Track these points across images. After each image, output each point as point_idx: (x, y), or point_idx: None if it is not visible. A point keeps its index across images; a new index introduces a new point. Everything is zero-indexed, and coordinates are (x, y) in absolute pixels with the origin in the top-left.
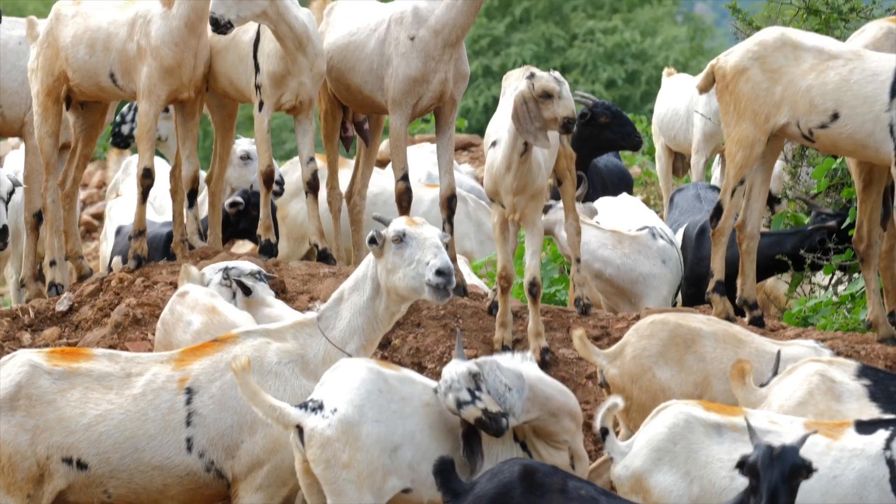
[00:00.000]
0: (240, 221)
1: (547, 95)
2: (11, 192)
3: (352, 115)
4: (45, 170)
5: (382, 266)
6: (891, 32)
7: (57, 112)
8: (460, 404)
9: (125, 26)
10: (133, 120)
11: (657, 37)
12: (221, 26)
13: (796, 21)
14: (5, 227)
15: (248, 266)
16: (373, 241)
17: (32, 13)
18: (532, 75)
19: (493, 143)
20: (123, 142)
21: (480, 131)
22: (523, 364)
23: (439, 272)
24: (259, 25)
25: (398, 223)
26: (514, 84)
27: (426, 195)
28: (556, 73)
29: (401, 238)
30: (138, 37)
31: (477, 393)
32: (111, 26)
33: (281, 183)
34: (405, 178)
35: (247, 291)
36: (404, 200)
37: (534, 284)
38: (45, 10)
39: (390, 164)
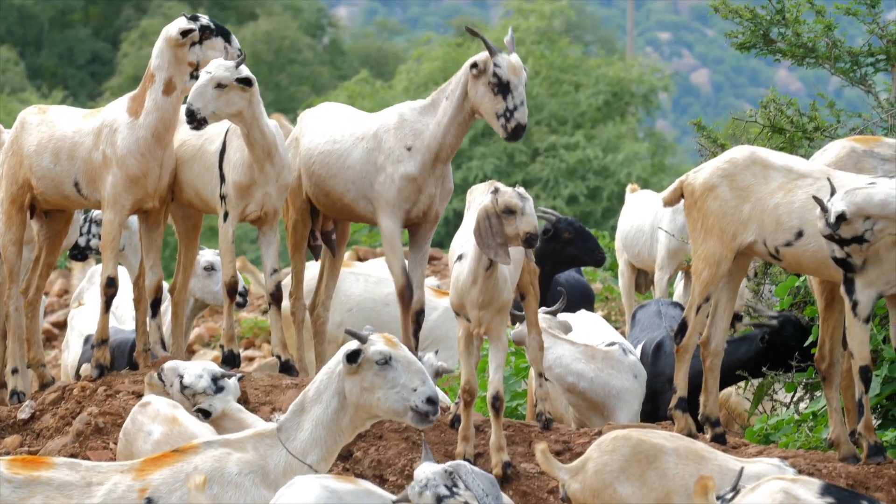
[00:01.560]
0: None
1: (510, 211)
2: None
3: (321, 224)
4: (9, 277)
5: (356, 383)
6: (853, 151)
7: (21, 220)
8: (440, 499)
9: (90, 135)
10: (89, 232)
11: (619, 153)
12: (197, 120)
13: (761, 139)
14: None
15: (201, 381)
16: (352, 358)
17: None
18: (496, 190)
19: (459, 257)
20: (81, 254)
21: (441, 244)
22: None
23: (430, 400)
24: (225, 135)
25: (380, 345)
26: (480, 198)
27: (441, 303)
28: (521, 189)
29: (386, 361)
30: (104, 146)
31: (454, 489)
32: (76, 135)
33: (244, 294)
34: (404, 272)
35: (206, 414)
36: (406, 296)
37: (497, 398)
38: (6, 118)
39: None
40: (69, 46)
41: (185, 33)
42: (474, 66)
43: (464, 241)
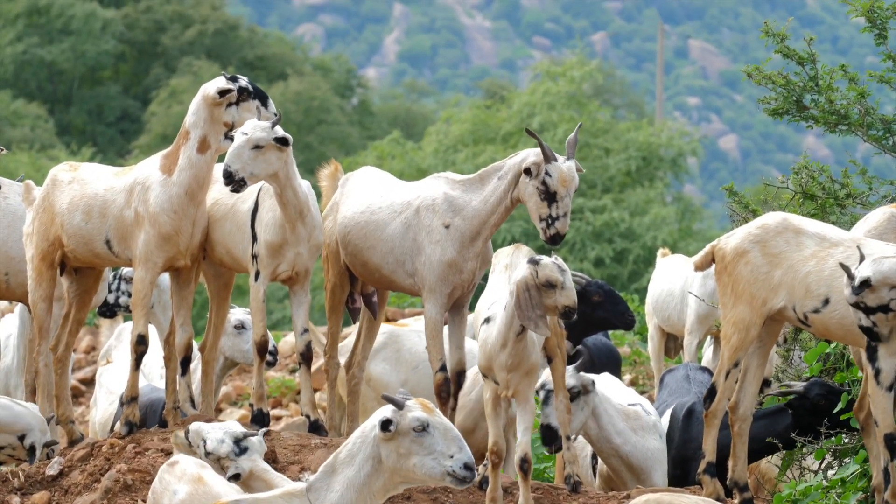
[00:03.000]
0: None
1: (550, 285)
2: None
3: (360, 286)
4: (38, 334)
5: (392, 449)
6: (893, 217)
7: (51, 277)
8: None
9: (122, 193)
10: (119, 289)
11: (646, 216)
12: (236, 181)
13: (792, 205)
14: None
15: (223, 447)
16: (388, 426)
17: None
18: (536, 262)
19: (487, 320)
20: (109, 311)
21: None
22: None
23: (467, 467)
24: (257, 195)
25: (417, 411)
26: (504, 261)
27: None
28: (560, 261)
29: (424, 428)
30: (136, 203)
31: None
32: (108, 193)
33: (274, 353)
34: (443, 369)
35: (237, 477)
36: (443, 392)
37: (525, 461)
38: (35, 174)
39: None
40: (99, 103)
41: (222, 93)
42: (528, 170)
43: (490, 303)
